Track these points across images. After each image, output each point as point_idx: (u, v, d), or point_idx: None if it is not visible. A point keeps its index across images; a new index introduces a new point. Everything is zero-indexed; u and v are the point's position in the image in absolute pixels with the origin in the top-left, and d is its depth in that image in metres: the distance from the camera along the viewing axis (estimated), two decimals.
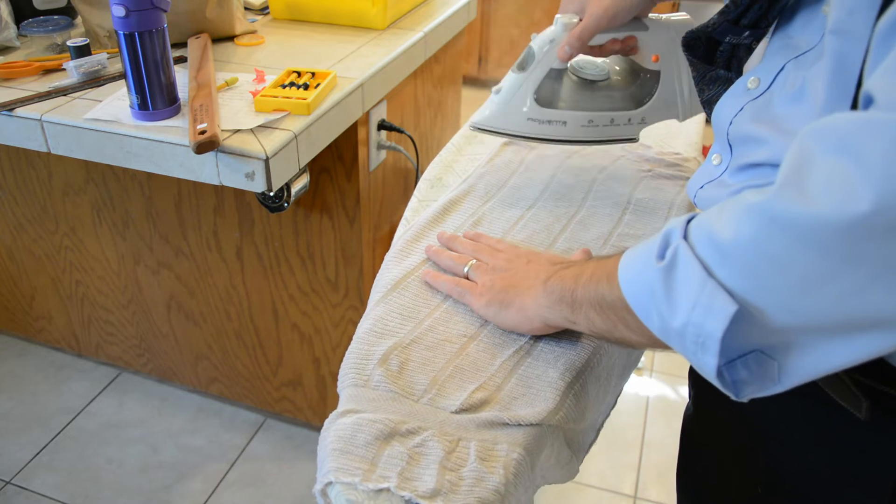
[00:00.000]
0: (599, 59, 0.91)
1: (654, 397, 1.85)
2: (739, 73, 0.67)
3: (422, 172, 1.34)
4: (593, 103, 0.90)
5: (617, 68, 0.94)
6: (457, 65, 1.79)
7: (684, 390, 1.86)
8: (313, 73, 1.11)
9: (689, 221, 0.49)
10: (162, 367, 1.75)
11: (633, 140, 0.92)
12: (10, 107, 1.03)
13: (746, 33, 0.63)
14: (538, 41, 0.86)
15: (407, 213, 0.89)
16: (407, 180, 1.57)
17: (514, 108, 0.88)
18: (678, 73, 0.89)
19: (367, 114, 1.27)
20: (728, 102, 0.63)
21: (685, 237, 0.48)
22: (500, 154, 1.01)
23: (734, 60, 0.67)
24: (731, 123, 0.62)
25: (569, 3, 0.85)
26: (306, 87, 1.06)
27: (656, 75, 0.89)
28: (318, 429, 1.63)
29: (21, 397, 1.77)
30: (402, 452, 0.56)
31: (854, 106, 0.47)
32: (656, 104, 0.90)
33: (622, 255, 0.55)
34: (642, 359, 1.90)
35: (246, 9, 1.48)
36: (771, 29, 0.63)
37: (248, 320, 1.54)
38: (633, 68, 0.92)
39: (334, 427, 0.59)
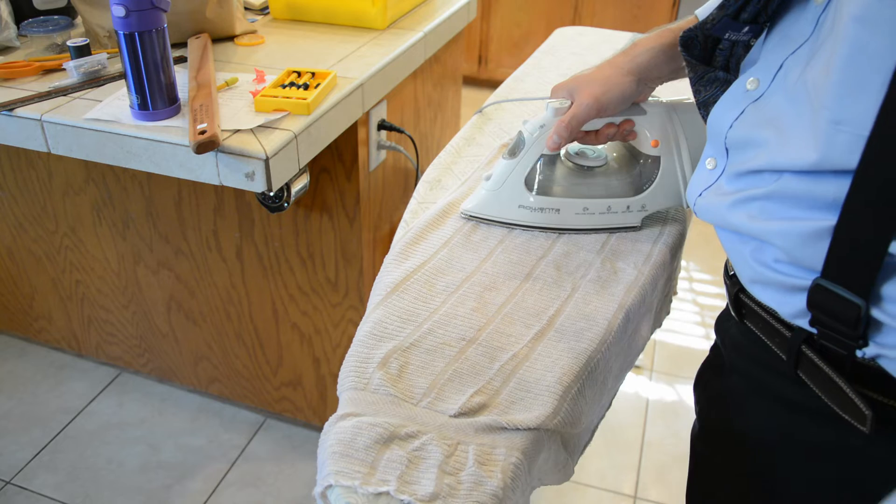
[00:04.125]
0: (596, 145, 0.87)
1: (654, 397, 1.85)
2: (737, 73, 0.65)
3: (422, 172, 1.34)
4: (589, 190, 0.86)
5: (614, 154, 0.90)
6: (457, 65, 1.79)
7: (684, 390, 1.86)
8: (313, 73, 1.11)
9: None
10: (162, 367, 1.75)
11: (634, 228, 0.87)
12: (10, 107, 1.03)
13: (746, 29, 0.61)
14: (528, 127, 0.82)
15: (406, 215, 0.89)
16: (407, 180, 1.57)
17: (505, 196, 0.84)
18: (680, 158, 0.85)
19: (367, 114, 1.27)
20: (727, 106, 0.61)
21: None
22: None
23: (732, 59, 0.65)
24: (730, 128, 0.60)
25: (560, 88, 0.81)
26: (306, 87, 1.06)
27: (657, 160, 0.85)
28: (318, 429, 1.63)
29: (21, 397, 1.77)
30: (402, 456, 0.56)
31: (885, 102, 0.45)
32: (657, 191, 0.86)
33: None
34: (641, 356, 1.90)
35: (246, 9, 1.48)
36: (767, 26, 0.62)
37: (248, 320, 1.54)
38: (631, 153, 0.89)
39: (334, 430, 0.59)
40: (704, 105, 0.66)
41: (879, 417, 0.52)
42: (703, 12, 0.78)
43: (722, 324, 0.73)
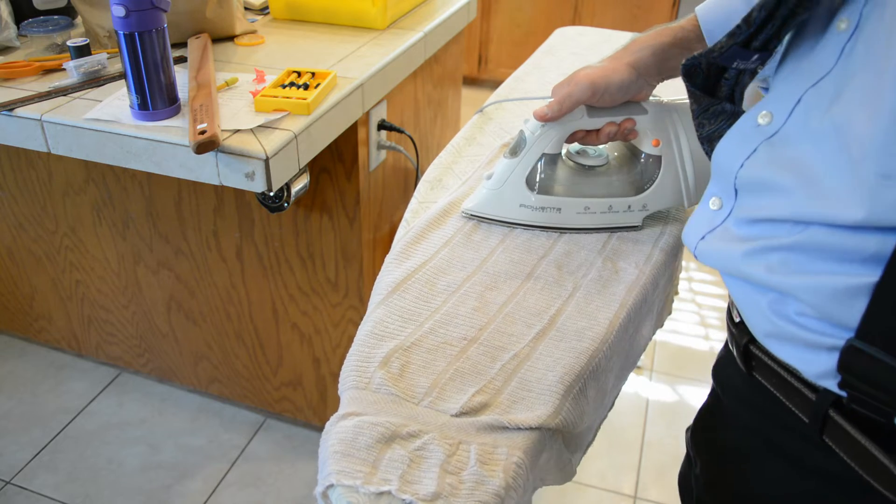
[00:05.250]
0: (597, 145, 0.87)
1: (654, 397, 1.85)
2: (741, 103, 0.61)
3: (422, 172, 1.34)
4: (590, 189, 0.86)
5: (616, 153, 0.90)
6: (457, 65, 1.79)
7: (684, 390, 1.86)
8: (313, 73, 1.11)
9: None
10: (162, 367, 1.75)
11: (635, 228, 0.87)
12: (10, 107, 1.03)
13: (755, 56, 0.55)
14: (529, 126, 0.82)
15: (407, 214, 0.89)
16: (407, 180, 1.57)
17: (506, 195, 0.83)
18: (681, 158, 0.84)
19: (367, 114, 1.27)
20: (736, 142, 0.56)
21: None
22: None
23: (738, 88, 0.60)
24: (741, 167, 0.55)
25: (561, 86, 0.80)
26: (306, 87, 1.06)
27: (658, 160, 0.85)
28: (319, 429, 1.63)
29: (21, 397, 1.77)
30: (404, 455, 0.56)
31: None
32: (658, 190, 0.85)
33: None
34: (642, 357, 1.90)
35: (246, 9, 1.47)
36: (777, 51, 0.56)
37: (248, 320, 1.54)
38: (633, 153, 0.88)
39: (336, 430, 0.59)
40: (708, 140, 0.62)
41: None
42: (702, 10, 0.77)
43: (722, 370, 0.67)
